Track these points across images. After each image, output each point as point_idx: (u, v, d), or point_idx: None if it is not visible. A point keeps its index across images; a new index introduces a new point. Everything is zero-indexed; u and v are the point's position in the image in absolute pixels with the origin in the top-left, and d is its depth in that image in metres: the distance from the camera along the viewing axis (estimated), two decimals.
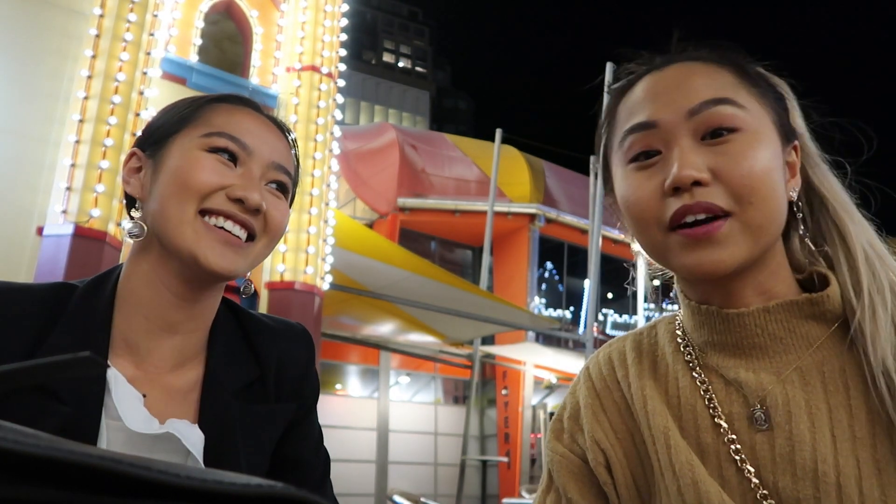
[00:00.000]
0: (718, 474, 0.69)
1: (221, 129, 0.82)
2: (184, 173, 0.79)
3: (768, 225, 0.68)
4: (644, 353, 0.81)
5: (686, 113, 0.69)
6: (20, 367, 0.27)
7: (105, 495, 0.20)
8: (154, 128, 0.85)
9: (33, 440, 0.19)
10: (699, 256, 0.67)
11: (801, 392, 0.68)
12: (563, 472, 0.79)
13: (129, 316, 0.80)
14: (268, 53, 6.81)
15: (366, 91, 35.75)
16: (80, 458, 0.19)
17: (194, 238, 0.77)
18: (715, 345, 0.73)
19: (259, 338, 0.88)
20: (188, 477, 0.20)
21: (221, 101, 0.86)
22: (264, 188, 0.83)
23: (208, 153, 0.80)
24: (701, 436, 0.71)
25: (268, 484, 0.21)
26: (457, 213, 13.34)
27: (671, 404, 0.74)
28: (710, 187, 0.67)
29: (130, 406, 0.75)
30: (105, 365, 0.52)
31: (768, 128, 0.71)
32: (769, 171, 0.68)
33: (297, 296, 6.28)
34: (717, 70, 0.72)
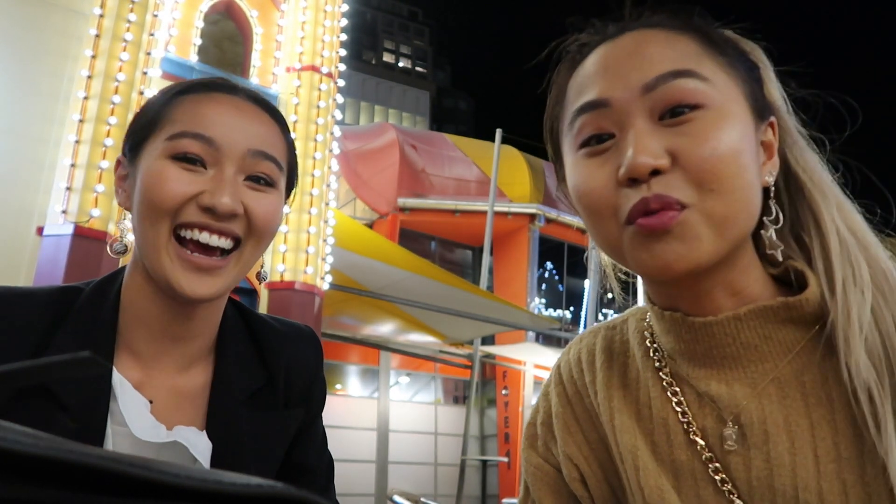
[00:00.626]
0: (695, 495, 0.62)
1: (185, 128, 0.74)
2: (150, 190, 0.73)
3: (735, 216, 0.58)
4: (614, 354, 0.73)
5: (641, 89, 0.60)
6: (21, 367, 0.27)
7: (105, 495, 0.20)
8: (131, 131, 0.79)
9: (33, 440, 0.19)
10: (655, 252, 0.58)
11: (778, 407, 0.60)
12: (539, 484, 0.74)
13: (132, 325, 0.78)
14: (268, 53, 6.81)
15: (366, 91, 35.75)
16: (80, 458, 0.19)
17: (170, 266, 0.73)
18: (683, 353, 0.65)
19: (268, 342, 0.85)
20: (188, 477, 0.20)
21: (188, 91, 0.78)
22: (242, 185, 0.75)
23: (172, 161, 0.74)
24: (675, 453, 0.64)
25: (268, 484, 0.21)
26: (457, 213, 13.33)
27: (642, 416, 0.67)
28: (668, 175, 0.58)
29: (137, 413, 0.73)
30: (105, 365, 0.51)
31: (737, 103, 0.61)
32: (736, 154, 0.58)
33: (297, 296, 6.28)
34: (677, 37, 0.62)
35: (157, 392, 0.77)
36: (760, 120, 0.64)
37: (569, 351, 0.78)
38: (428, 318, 8.84)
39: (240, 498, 0.20)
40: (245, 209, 0.75)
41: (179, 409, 0.78)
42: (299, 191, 6.52)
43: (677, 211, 0.57)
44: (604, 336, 0.76)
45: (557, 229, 13.74)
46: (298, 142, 6.62)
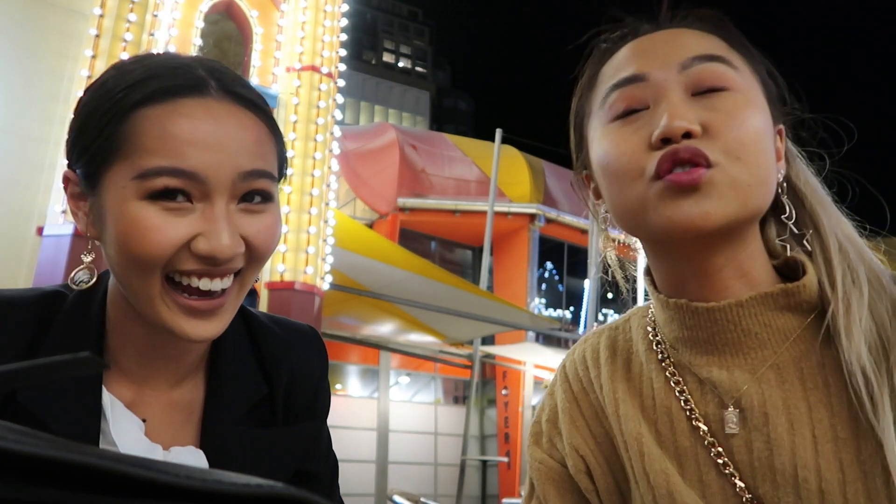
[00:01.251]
0: (698, 479, 0.64)
1: (158, 163, 0.61)
2: (130, 241, 0.62)
3: (757, 185, 0.62)
4: (618, 350, 0.76)
5: (678, 66, 0.64)
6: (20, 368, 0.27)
7: (105, 495, 0.20)
8: (76, 147, 0.67)
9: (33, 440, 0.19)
10: (683, 207, 0.60)
11: (777, 391, 0.63)
12: (544, 479, 0.76)
13: (121, 345, 0.71)
14: (268, 53, 6.81)
15: (366, 91, 35.75)
16: (80, 458, 0.19)
17: (168, 314, 0.65)
18: (686, 341, 0.68)
19: (270, 351, 0.79)
20: (188, 477, 0.20)
21: (148, 101, 0.63)
22: (237, 212, 0.65)
23: (150, 202, 0.62)
24: (678, 439, 0.66)
25: (268, 484, 0.21)
26: (457, 213, 13.33)
27: (645, 406, 0.70)
28: (700, 140, 0.61)
29: (130, 436, 0.68)
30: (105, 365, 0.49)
31: (759, 95, 0.67)
32: (761, 133, 0.63)
33: (297, 296, 6.28)
34: (707, 35, 0.68)
35: (151, 410, 0.72)
36: (774, 122, 0.69)
37: (573, 351, 0.81)
38: (428, 318, 8.84)
39: (240, 498, 0.20)
40: (245, 240, 0.66)
41: (174, 427, 0.73)
42: (299, 191, 6.51)
43: (705, 168, 0.60)
44: (607, 335, 0.78)
45: (557, 229, 13.74)
46: (298, 142, 6.62)
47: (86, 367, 0.28)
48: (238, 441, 0.73)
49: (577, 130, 0.75)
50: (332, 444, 0.87)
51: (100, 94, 0.66)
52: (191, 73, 0.65)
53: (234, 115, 0.66)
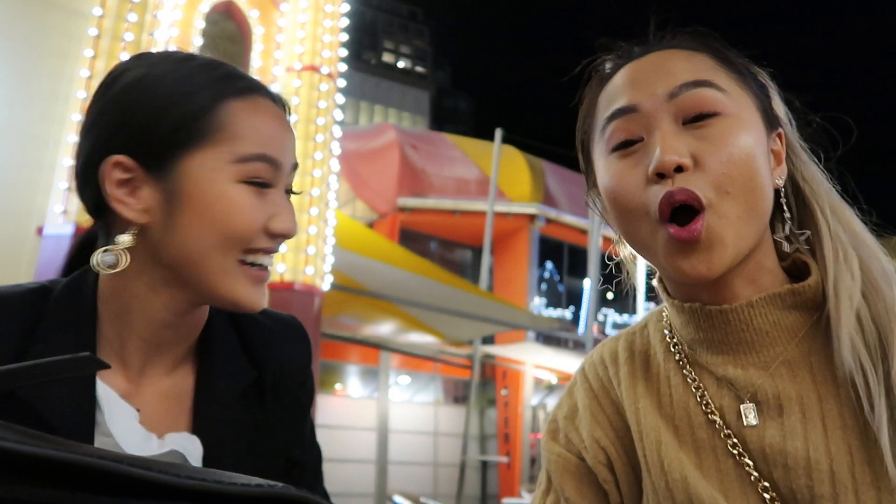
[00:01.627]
0: (716, 469, 0.68)
1: (257, 151, 0.70)
2: (225, 219, 0.68)
3: (747, 215, 0.65)
4: (636, 353, 0.79)
5: (666, 96, 0.67)
6: (21, 367, 0.27)
7: (105, 495, 0.20)
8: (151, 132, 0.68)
9: (33, 440, 0.19)
10: (689, 261, 0.65)
11: (790, 384, 0.67)
12: (560, 471, 0.78)
13: (121, 333, 0.73)
14: (268, 53, 6.81)
15: (366, 91, 35.73)
16: (80, 458, 0.19)
17: (236, 286, 0.71)
18: (702, 342, 0.72)
19: (256, 338, 0.82)
20: (188, 477, 0.20)
21: (236, 94, 0.72)
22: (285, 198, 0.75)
23: (244, 185, 0.69)
24: (696, 433, 0.70)
25: (268, 484, 0.21)
26: (457, 213, 13.33)
27: (663, 404, 0.73)
28: (691, 173, 0.65)
29: (126, 426, 0.70)
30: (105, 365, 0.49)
31: (751, 113, 0.69)
32: (750, 158, 0.66)
33: (297, 296, 6.28)
34: (695, 54, 0.70)
35: (145, 399, 0.74)
36: (770, 129, 0.72)
37: (592, 355, 0.84)
38: (428, 318, 8.84)
39: (240, 498, 0.20)
40: None
41: (168, 414, 0.75)
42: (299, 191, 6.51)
43: (699, 221, 0.64)
44: (625, 339, 0.82)
45: (557, 229, 13.74)
46: (298, 141, 6.60)
47: (86, 367, 0.28)
48: (230, 424, 0.75)
49: (584, 153, 0.78)
50: (315, 435, 0.89)
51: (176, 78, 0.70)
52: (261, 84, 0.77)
53: (286, 120, 0.76)
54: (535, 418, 12.87)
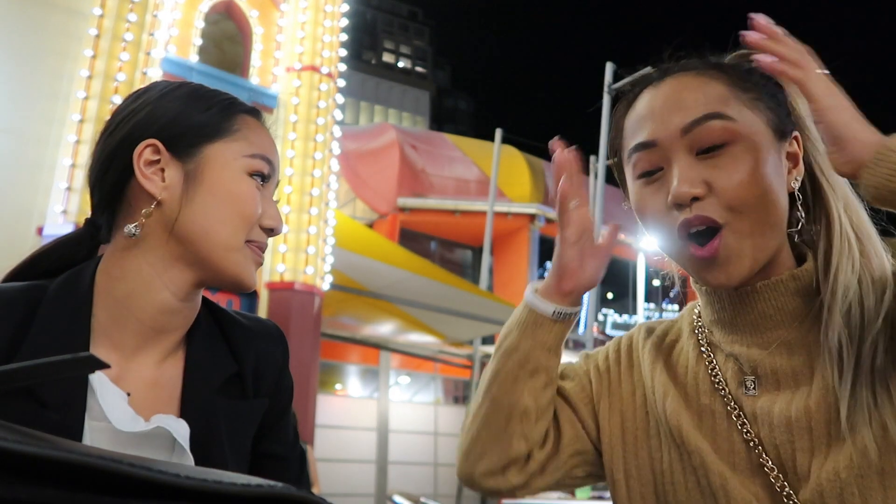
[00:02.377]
0: (711, 429, 0.78)
1: (261, 151, 0.83)
2: (240, 201, 0.80)
3: (763, 229, 0.74)
4: (666, 336, 0.89)
5: (680, 131, 0.76)
6: (21, 367, 0.27)
7: (105, 495, 0.20)
8: (180, 124, 0.81)
9: (33, 440, 0.19)
10: (711, 274, 0.76)
11: (787, 362, 0.75)
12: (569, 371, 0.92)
13: (120, 317, 0.79)
14: (268, 53, 6.81)
15: (366, 91, 35.73)
16: (80, 458, 0.19)
17: (243, 264, 0.81)
18: (717, 322, 0.81)
19: (235, 335, 0.88)
20: (188, 477, 0.20)
21: (248, 113, 0.86)
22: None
23: (250, 178, 0.81)
24: (700, 398, 0.80)
25: (268, 484, 0.21)
26: (457, 213, 13.33)
27: (678, 374, 0.84)
28: (706, 200, 0.74)
29: (115, 406, 0.74)
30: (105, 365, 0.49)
31: (760, 133, 0.76)
32: (759, 178, 0.74)
33: (297, 296, 6.28)
34: (707, 82, 0.78)
35: (135, 385, 0.79)
36: (783, 138, 0.78)
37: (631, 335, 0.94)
38: (428, 318, 8.84)
39: (239, 498, 0.20)
40: None
41: (156, 400, 0.80)
42: (299, 191, 6.52)
43: (717, 239, 0.74)
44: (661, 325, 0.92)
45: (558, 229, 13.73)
46: (298, 142, 6.62)
47: (86, 367, 0.28)
48: (215, 410, 0.81)
49: (618, 170, 0.88)
50: (298, 437, 0.95)
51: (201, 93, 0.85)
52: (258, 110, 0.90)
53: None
54: None
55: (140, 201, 0.79)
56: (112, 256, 0.81)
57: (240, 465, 0.83)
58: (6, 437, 0.19)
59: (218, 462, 0.79)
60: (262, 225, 0.82)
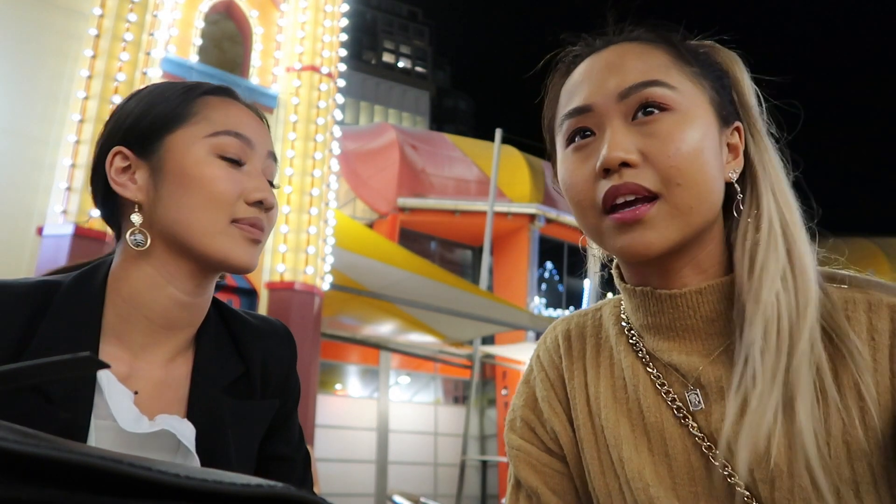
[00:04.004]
0: (664, 453, 0.70)
1: (226, 128, 0.80)
2: (207, 184, 0.78)
3: (698, 206, 0.68)
4: (587, 336, 0.82)
5: (617, 96, 0.70)
6: (21, 367, 0.27)
7: (105, 495, 0.20)
8: (140, 124, 0.81)
9: (33, 440, 0.19)
10: (629, 238, 0.68)
11: (730, 370, 0.68)
12: (522, 465, 0.79)
13: (129, 316, 0.79)
14: (268, 53, 6.81)
15: (366, 91, 35.73)
16: (80, 458, 0.19)
17: (230, 245, 0.79)
18: (650, 328, 0.74)
19: (244, 335, 0.88)
20: (188, 477, 0.20)
21: (214, 93, 0.84)
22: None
23: (218, 159, 0.79)
24: (645, 414, 0.72)
25: (268, 484, 0.21)
26: (457, 213, 13.33)
27: (616, 386, 0.76)
28: (638, 168, 0.67)
29: (121, 405, 0.74)
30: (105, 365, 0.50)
31: (702, 108, 0.71)
32: (698, 152, 0.68)
33: (297, 296, 6.28)
34: (650, 50, 0.72)
35: (143, 383, 0.79)
36: (725, 125, 0.73)
37: (545, 339, 0.86)
38: (428, 318, 8.84)
39: (239, 498, 0.20)
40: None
41: (162, 399, 0.80)
42: (299, 191, 6.52)
43: (648, 204, 0.67)
44: (576, 323, 0.84)
45: (557, 229, 13.74)
46: (298, 142, 6.62)
47: (86, 367, 0.28)
48: (221, 410, 0.81)
49: (550, 143, 0.81)
50: (304, 439, 0.94)
51: (162, 89, 0.84)
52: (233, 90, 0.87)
53: (259, 120, 0.87)
54: None
55: (126, 207, 0.81)
56: (118, 257, 0.81)
57: (245, 466, 0.82)
58: (6, 437, 0.19)
59: (222, 463, 0.78)
60: (248, 200, 0.80)
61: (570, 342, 0.82)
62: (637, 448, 0.71)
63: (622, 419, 0.74)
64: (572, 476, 0.78)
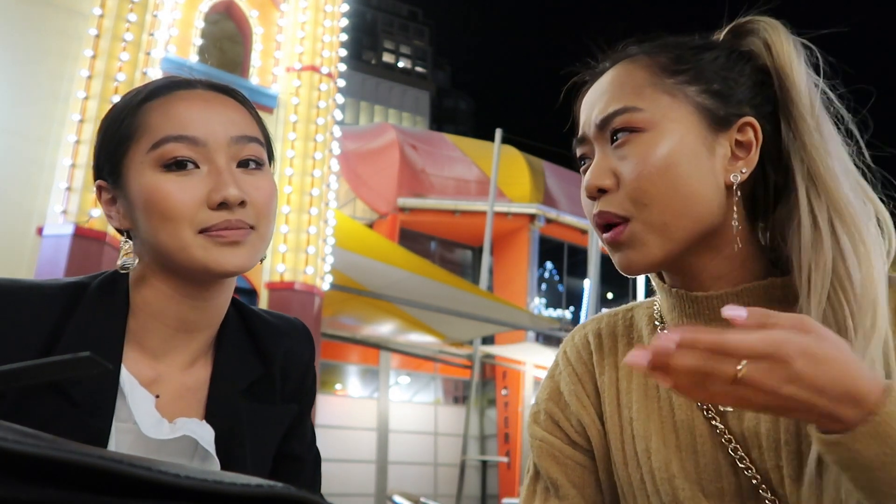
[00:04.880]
0: (693, 450, 0.71)
1: (167, 133, 0.74)
2: (155, 203, 0.73)
3: (674, 221, 0.69)
4: (618, 335, 0.82)
5: (597, 126, 0.74)
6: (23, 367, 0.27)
7: (105, 495, 0.20)
8: (102, 155, 0.80)
9: (33, 440, 0.19)
10: (616, 257, 0.73)
11: None
12: (545, 456, 0.80)
13: (146, 322, 0.79)
14: (268, 53, 6.81)
15: (366, 91, 35.72)
16: (80, 458, 0.19)
17: (203, 255, 0.74)
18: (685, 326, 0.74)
19: (264, 336, 0.87)
20: (188, 477, 0.20)
21: (150, 97, 0.78)
22: (237, 172, 0.76)
23: (165, 171, 0.74)
24: (676, 412, 0.73)
25: (268, 484, 0.21)
26: (457, 213, 13.33)
27: (648, 385, 0.76)
28: (612, 193, 0.71)
29: (142, 409, 0.75)
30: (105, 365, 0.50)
31: (679, 119, 0.70)
32: (666, 168, 0.69)
33: (297, 296, 6.28)
34: (632, 70, 0.74)
35: (165, 388, 0.79)
36: (722, 124, 0.71)
37: (573, 337, 0.86)
38: (428, 318, 8.84)
39: (240, 498, 0.21)
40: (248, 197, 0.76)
41: (182, 402, 0.80)
42: (299, 191, 6.52)
43: (623, 225, 0.70)
44: (607, 322, 0.85)
45: (557, 229, 13.74)
46: (298, 142, 6.62)
47: (86, 368, 0.28)
48: (241, 411, 0.81)
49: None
50: (315, 439, 0.94)
51: (114, 110, 0.81)
52: (181, 77, 0.82)
53: (219, 99, 0.80)
54: None
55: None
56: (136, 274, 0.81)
57: (260, 470, 0.82)
58: (6, 437, 0.19)
59: (238, 466, 0.78)
60: (210, 204, 0.74)
61: (600, 339, 0.83)
62: (665, 442, 0.72)
63: (653, 415, 0.74)
64: (594, 469, 0.79)
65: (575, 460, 0.79)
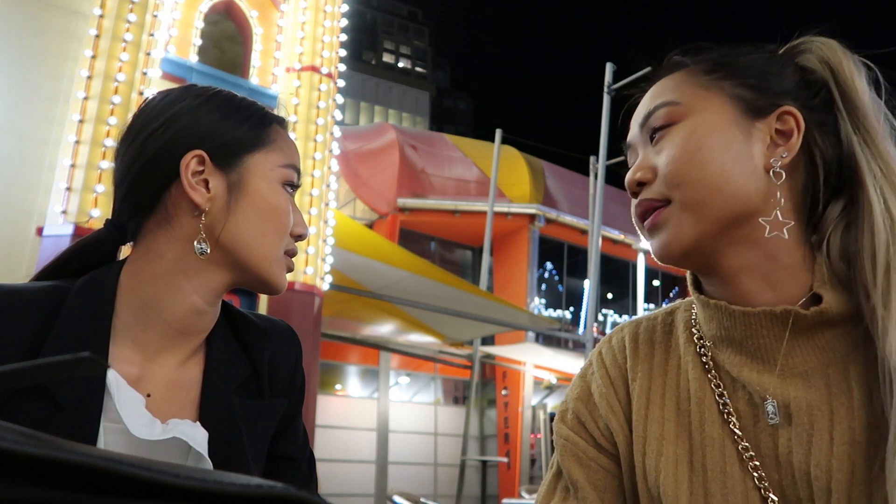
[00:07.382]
0: (721, 470, 0.69)
1: (292, 161, 0.85)
2: (278, 215, 0.82)
3: (708, 199, 0.69)
4: (656, 342, 0.80)
5: (639, 126, 0.78)
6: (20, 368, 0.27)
7: (105, 495, 0.20)
8: (222, 134, 0.81)
9: (33, 440, 0.19)
10: (653, 244, 0.74)
11: (803, 394, 0.66)
12: (568, 456, 0.79)
13: (146, 319, 0.79)
14: (268, 54, 6.81)
15: (366, 91, 35.74)
16: (80, 458, 0.19)
17: (278, 272, 0.83)
18: (723, 340, 0.72)
19: (250, 336, 0.88)
20: (188, 477, 0.20)
21: (278, 122, 0.87)
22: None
23: (283, 188, 0.83)
24: (706, 428, 0.71)
25: (267, 484, 0.21)
26: (457, 213, 13.34)
27: (681, 398, 0.75)
28: (652, 184, 0.73)
29: (131, 409, 0.74)
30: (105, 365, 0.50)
31: (714, 108, 0.72)
32: (696, 150, 0.70)
33: (297, 296, 6.28)
34: (670, 77, 0.78)
35: (155, 387, 0.79)
36: (760, 113, 0.72)
37: (610, 339, 0.85)
38: (428, 318, 8.85)
39: (240, 498, 0.20)
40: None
41: (174, 402, 0.80)
42: (299, 191, 6.51)
43: (661, 209, 0.72)
44: (646, 326, 0.83)
45: (557, 229, 13.74)
46: (298, 142, 6.61)
47: (85, 368, 0.28)
48: (234, 412, 0.81)
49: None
50: (308, 440, 0.95)
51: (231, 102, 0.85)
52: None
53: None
54: (535, 418, 12.87)
55: (178, 209, 0.79)
56: (140, 259, 0.80)
57: (259, 464, 0.83)
58: (6, 437, 0.19)
59: (239, 464, 0.78)
60: (293, 233, 0.84)
61: (636, 344, 0.82)
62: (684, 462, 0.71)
63: (682, 433, 0.73)
64: (618, 475, 0.78)
65: (599, 463, 0.78)
